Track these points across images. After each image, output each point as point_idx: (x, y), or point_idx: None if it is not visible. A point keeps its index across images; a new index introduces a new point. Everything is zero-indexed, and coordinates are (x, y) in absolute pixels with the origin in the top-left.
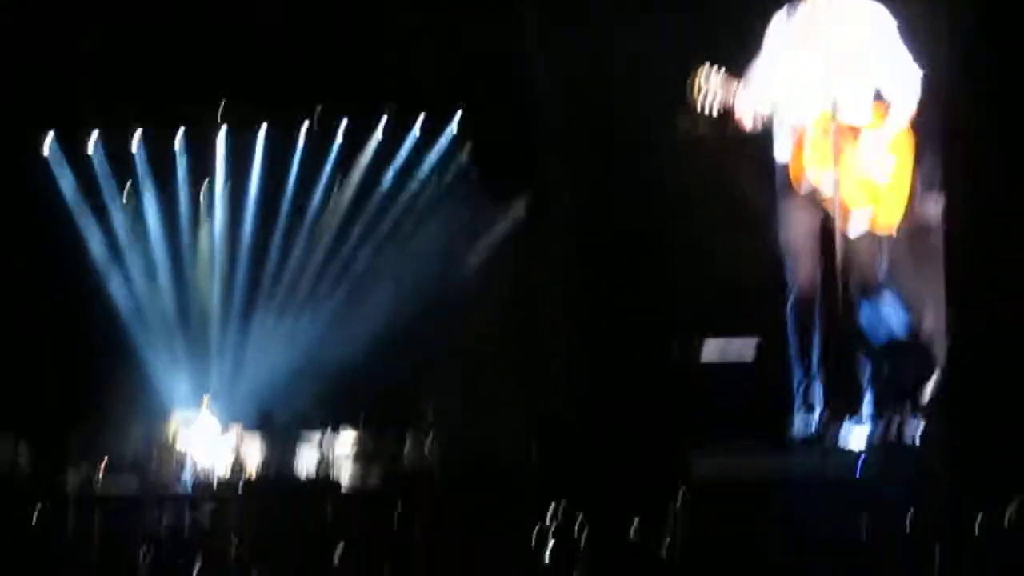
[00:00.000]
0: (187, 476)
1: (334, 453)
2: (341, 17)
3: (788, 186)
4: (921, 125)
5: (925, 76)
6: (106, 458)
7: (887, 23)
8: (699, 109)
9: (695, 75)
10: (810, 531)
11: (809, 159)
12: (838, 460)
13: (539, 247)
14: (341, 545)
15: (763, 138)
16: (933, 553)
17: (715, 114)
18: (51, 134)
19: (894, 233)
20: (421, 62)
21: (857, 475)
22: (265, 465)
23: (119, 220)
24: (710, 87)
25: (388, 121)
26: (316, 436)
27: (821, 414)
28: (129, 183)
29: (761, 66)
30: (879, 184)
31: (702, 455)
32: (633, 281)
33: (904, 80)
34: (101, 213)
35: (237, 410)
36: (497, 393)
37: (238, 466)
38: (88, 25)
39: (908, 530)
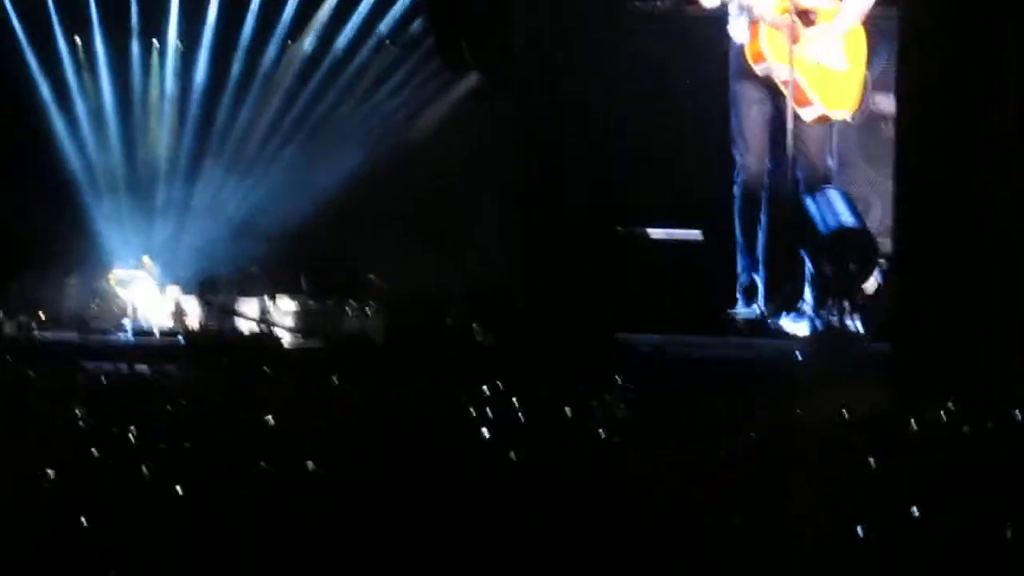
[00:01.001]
0: (127, 329)
1: (274, 317)
2: None
3: (743, 69)
4: (875, 25)
5: None
6: (44, 310)
7: None
8: None
9: None
10: (747, 412)
11: (766, 41)
12: (778, 345)
13: (488, 117)
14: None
15: (720, 19)
16: (867, 443)
17: None
18: None
19: (849, 120)
20: None
21: (797, 359)
22: (205, 325)
23: (69, 66)
24: None
25: None
26: (256, 301)
27: (763, 303)
28: (81, 29)
29: None
30: (833, 71)
31: (641, 333)
32: (581, 156)
33: None
34: (51, 57)
35: (178, 269)
36: (440, 263)
37: (178, 324)
38: None
39: (843, 418)
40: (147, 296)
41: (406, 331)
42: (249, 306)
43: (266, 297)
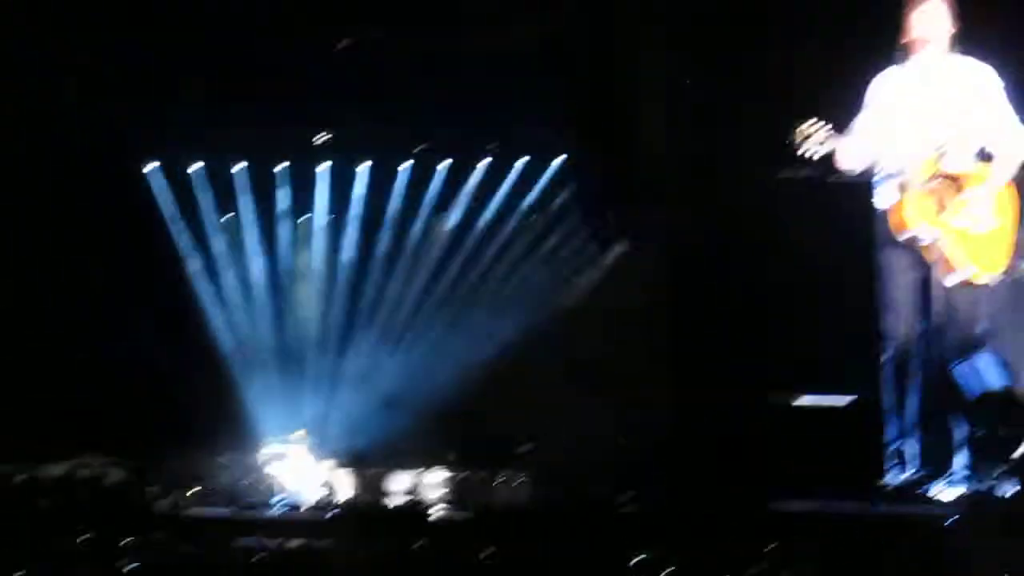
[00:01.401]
0: (280, 505)
1: (424, 489)
2: (447, 56)
3: (888, 235)
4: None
5: None
6: (197, 485)
7: (994, 82)
8: (802, 156)
9: (799, 124)
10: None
11: (911, 207)
12: (928, 511)
13: (635, 288)
14: None
15: (864, 186)
16: None
17: (817, 161)
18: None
19: (994, 283)
20: (526, 105)
21: (947, 524)
22: (355, 499)
23: (219, 246)
24: (813, 135)
25: (490, 161)
26: (407, 474)
27: (915, 471)
28: (230, 210)
29: (864, 119)
30: (980, 236)
31: (790, 500)
32: (729, 328)
33: (1009, 136)
34: (201, 238)
35: (330, 444)
36: (589, 430)
37: (329, 498)
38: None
39: None
40: (299, 471)
41: (554, 500)
42: (400, 479)
43: (418, 470)
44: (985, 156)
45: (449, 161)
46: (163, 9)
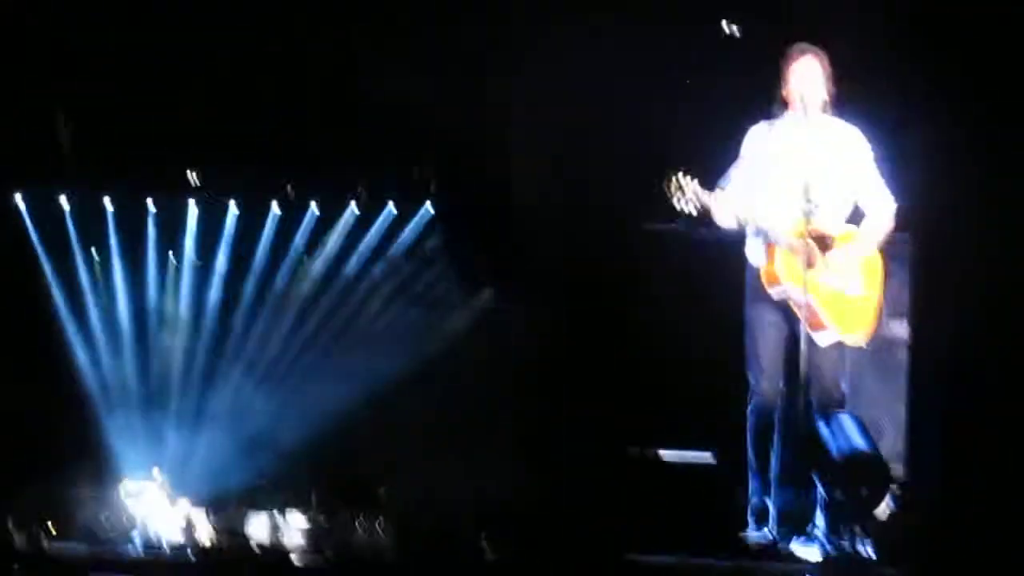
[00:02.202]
0: (137, 542)
1: (284, 532)
2: (319, 94)
3: (758, 291)
4: (890, 250)
5: (898, 206)
6: (54, 521)
7: (864, 148)
8: (676, 208)
9: (671, 175)
10: None
11: (782, 264)
12: (789, 569)
13: (501, 335)
14: None
15: (735, 242)
16: None
17: (691, 214)
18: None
19: (863, 345)
20: (396, 143)
21: None
22: (214, 540)
23: (85, 279)
24: (685, 188)
25: (360, 202)
26: (266, 515)
27: (775, 527)
28: (97, 242)
29: (738, 173)
30: (847, 297)
31: (648, 552)
32: (593, 373)
33: (877, 204)
34: (67, 271)
35: (189, 482)
36: (451, 476)
37: (188, 538)
38: (67, 79)
39: None
40: (157, 509)
41: (415, 546)
42: (259, 520)
43: (276, 512)
44: (853, 219)
45: (317, 205)
46: (41, 42)
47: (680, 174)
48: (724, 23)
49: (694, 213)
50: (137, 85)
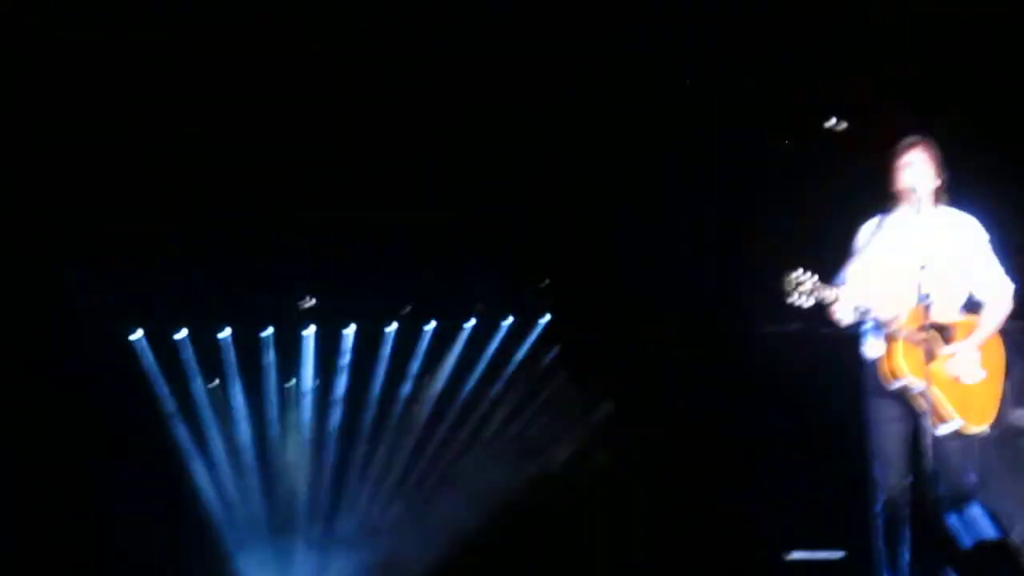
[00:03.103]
0: None
1: None
2: (429, 217)
3: (876, 385)
4: (1013, 339)
5: (1017, 289)
6: None
7: (979, 233)
8: (792, 304)
9: (789, 274)
10: None
11: (899, 357)
12: None
13: (627, 445)
14: None
15: (853, 338)
16: None
17: (807, 309)
18: (140, 329)
19: (985, 433)
20: (510, 265)
21: None
22: None
23: (206, 414)
24: (802, 284)
25: (476, 323)
26: None
27: None
28: (217, 377)
29: (852, 269)
30: (968, 387)
31: None
32: (724, 481)
33: (995, 289)
34: (187, 405)
35: None
36: None
37: None
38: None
39: None
40: None
41: None
42: None
43: None
44: (971, 306)
45: (434, 323)
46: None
47: (799, 270)
48: (834, 120)
49: (810, 306)
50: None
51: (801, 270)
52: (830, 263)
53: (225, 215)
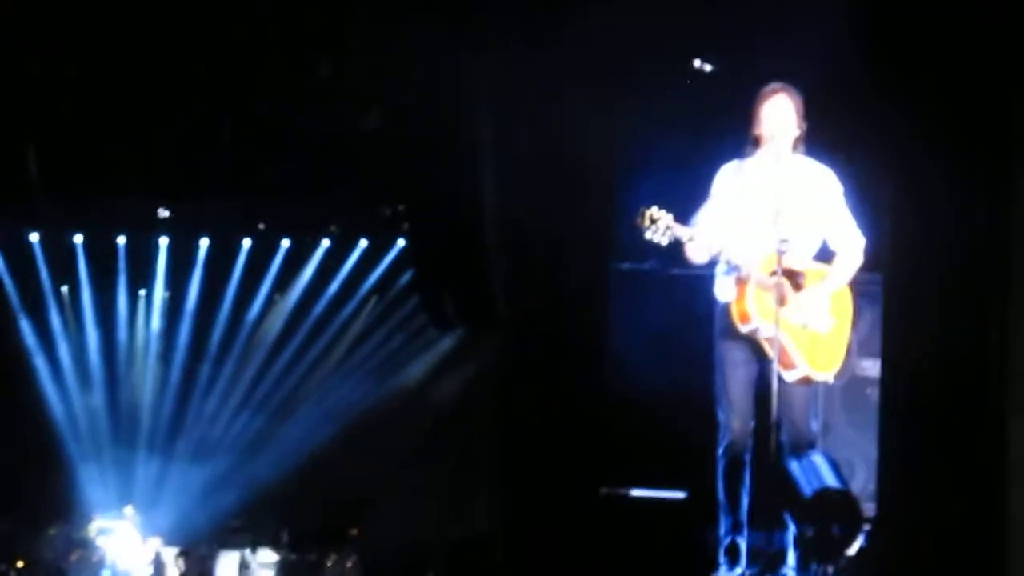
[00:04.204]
0: None
1: (255, 570)
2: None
3: (728, 329)
4: (861, 289)
5: (867, 244)
6: (23, 559)
7: (834, 186)
8: (649, 242)
9: (644, 210)
10: None
11: (753, 301)
12: None
13: (471, 374)
14: None
15: (706, 279)
16: None
17: (663, 245)
18: None
19: (831, 381)
20: (367, 182)
21: None
22: None
23: (56, 317)
24: (659, 220)
25: (331, 242)
26: (236, 553)
27: (746, 566)
28: (67, 280)
29: (709, 212)
30: (817, 335)
31: None
32: (564, 413)
33: (847, 241)
34: (37, 307)
35: (159, 520)
36: (421, 517)
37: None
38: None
39: None
40: (127, 546)
41: None
42: (230, 558)
43: (247, 550)
44: (823, 256)
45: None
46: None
47: (655, 207)
48: (697, 61)
49: (665, 244)
50: (106, 118)
51: (656, 207)
52: (687, 205)
53: (86, 116)
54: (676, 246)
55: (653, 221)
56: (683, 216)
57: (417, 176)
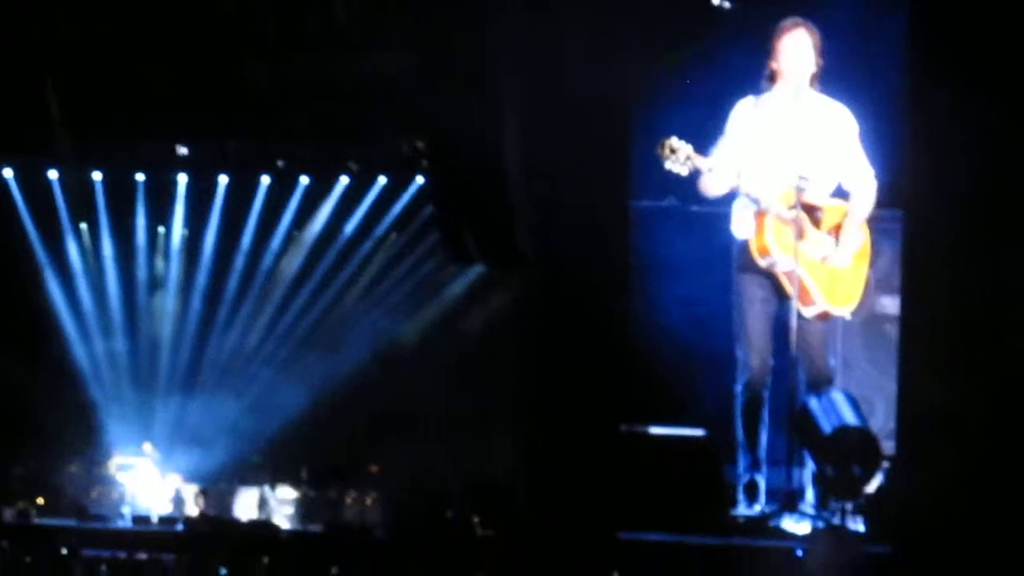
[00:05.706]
0: (127, 517)
1: (274, 506)
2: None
3: (746, 265)
4: (881, 226)
5: (885, 180)
6: (44, 496)
7: (850, 125)
8: (668, 170)
9: (665, 141)
10: None
11: (772, 235)
12: (778, 543)
13: (489, 313)
14: None
15: (724, 217)
16: None
17: (683, 175)
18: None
19: (849, 317)
20: (385, 123)
21: (798, 559)
22: (204, 513)
23: (74, 255)
24: (678, 151)
25: (349, 180)
26: (256, 489)
27: (766, 503)
28: (87, 219)
29: (725, 145)
30: (836, 270)
31: (642, 532)
32: (585, 353)
33: (860, 180)
34: (57, 246)
35: (179, 456)
36: (442, 455)
37: (178, 512)
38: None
39: None
40: (147, 483)
41: (405, 522)
42: (249, 495)
43: (266, 486)
44: (839, 193)
45: (308, 178)
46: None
47: (675, 138)
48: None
49: (685, 174)
50: (126, 55)
51: (675, 137)
52: (706, 141)
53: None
54: (695, 178)
55: (673, 151)
56: (701, 150)
57: (436, 114)
